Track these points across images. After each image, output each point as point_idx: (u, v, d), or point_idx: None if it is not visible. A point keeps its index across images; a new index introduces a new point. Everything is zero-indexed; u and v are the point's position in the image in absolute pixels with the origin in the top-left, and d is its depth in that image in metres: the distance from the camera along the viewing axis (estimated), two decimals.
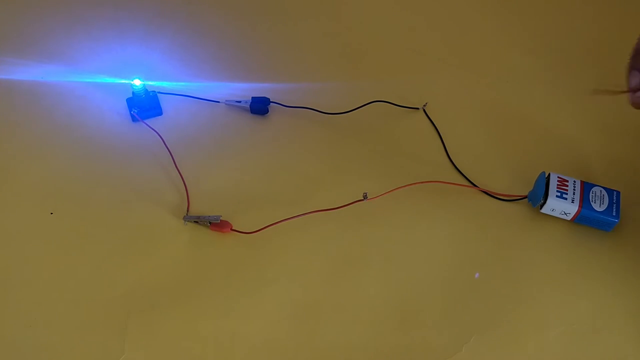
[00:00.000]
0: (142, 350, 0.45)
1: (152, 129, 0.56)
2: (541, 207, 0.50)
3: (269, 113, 0.58)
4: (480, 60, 0.63)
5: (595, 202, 0.49)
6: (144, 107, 0.57)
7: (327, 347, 0.45)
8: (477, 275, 0.48)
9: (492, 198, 0.52)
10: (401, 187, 0.52)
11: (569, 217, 0.50)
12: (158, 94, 0.58)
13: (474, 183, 0.53)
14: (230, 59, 0.63)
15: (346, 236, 0.50)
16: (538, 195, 0.50)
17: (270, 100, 0.58)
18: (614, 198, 0.50)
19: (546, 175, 0.51)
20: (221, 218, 0.50)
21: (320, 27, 0.66)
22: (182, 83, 0.60)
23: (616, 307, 0.46)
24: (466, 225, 0.51)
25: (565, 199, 0.49)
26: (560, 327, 0.45)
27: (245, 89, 0.59)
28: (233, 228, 0.50)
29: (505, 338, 0.45)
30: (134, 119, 0.57)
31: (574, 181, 0.50)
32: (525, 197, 0.52)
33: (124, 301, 0.47)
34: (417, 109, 0.59)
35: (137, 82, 0.56)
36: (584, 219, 0.50)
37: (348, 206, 0.50)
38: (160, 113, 0.58)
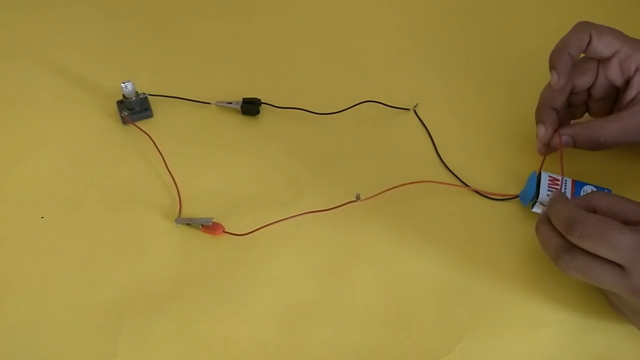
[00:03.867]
0: (134, 354, 0.44)
1: (143, 131, 0.56)
2: (532, 206, 0.50)
3: (260, 114, 0.58)
4: (470, 61, 0.63)
5: None
6: (135, 109, 0.57)
7: (320, 348, 0.45)
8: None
9: (483, 197, 0.53)
10: (393, 187, 0.52)
11: None
12: (148, 96, 0.58)
13: (466, 183, 0.53)
14: (221, 60, 0.63)
15: (339, 237, 0.50)
16: (529, 194, 0.50)
17: (261, 101, 0.58)
18: None
19: (537, 174, 0.51)
20: (213, 220, 0.50)
21: (310, 27, 0.66)
22: (173, 85, 0.60)
23: (608, 306, 0.46)
24: (458, 224, 0.51)
25: None
26: (553, 326, 0.46)
27: (236, 90, 0.59)
28: (225, 230, 0.50)
29: (498, 337, 0.45)
30: (124, 122, 0.57)
31: (565, 180, 0.51)
32: (517, 196, 0.52)
33: (116, 305, 0.46)
34: (408, 109, 0.59)
35: (127, 85, 0.56)
36: None
37: (341, 207, 0.50)
38: (150, 115, 0.58)
